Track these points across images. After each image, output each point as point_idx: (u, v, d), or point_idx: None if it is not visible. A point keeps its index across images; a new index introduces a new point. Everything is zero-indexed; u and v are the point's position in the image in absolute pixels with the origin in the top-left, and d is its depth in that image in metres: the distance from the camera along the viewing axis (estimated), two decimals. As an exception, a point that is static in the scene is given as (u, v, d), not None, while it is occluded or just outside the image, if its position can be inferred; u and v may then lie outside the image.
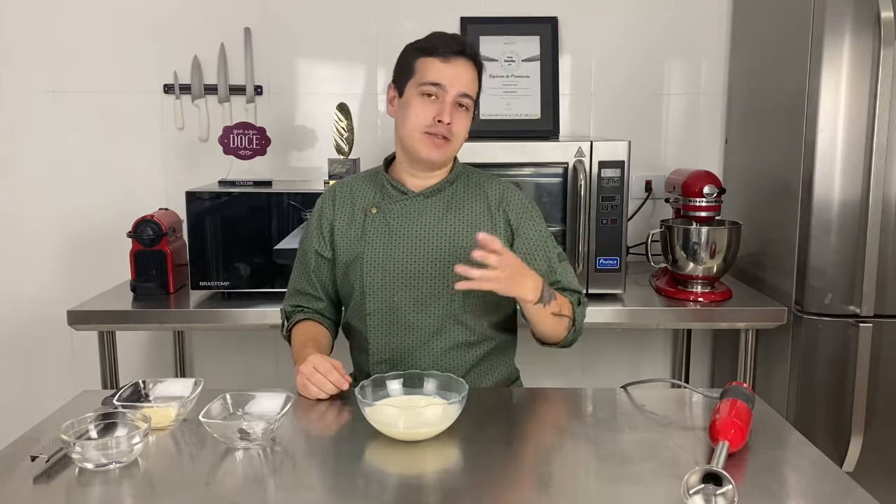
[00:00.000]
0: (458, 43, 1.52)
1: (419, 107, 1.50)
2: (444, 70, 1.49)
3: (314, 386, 1.40)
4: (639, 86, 2.58)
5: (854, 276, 2.00)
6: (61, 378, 2.65)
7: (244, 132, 2.26)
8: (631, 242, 2.46)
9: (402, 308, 1.55)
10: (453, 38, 1.53)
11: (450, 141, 1.51)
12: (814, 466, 1.19)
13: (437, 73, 1.49)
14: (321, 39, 2.54)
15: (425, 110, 1.50)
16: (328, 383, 1.40)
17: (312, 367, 1.41)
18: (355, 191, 1.63)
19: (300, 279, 1.67)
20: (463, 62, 1.51)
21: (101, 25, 2.51)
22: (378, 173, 1.63)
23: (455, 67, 1.50)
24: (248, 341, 2.67)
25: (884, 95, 1.91)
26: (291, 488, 1.11)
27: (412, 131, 1.51)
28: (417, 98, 1.51)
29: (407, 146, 1.54)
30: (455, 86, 1.49)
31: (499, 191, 1.60)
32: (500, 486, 1.10)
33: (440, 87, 1.49)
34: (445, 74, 1.49)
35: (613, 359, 2.70)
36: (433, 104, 1.50)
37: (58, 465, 1.15)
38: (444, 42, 1.51)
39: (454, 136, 1.52)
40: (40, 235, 2.60)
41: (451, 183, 1.59)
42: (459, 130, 1.53)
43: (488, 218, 1.57)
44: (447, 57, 1.50)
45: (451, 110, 1.50)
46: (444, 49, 1.50)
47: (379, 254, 1.55)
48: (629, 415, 1.38)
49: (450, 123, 1.49)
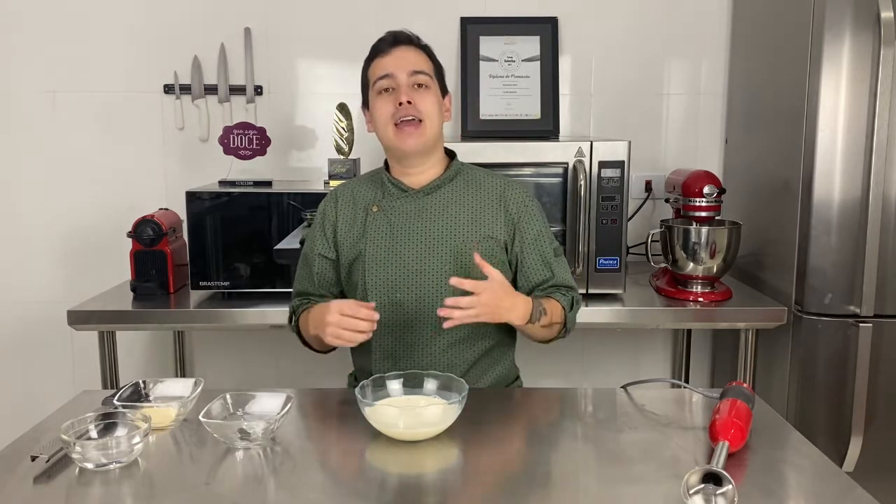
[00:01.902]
0: (391, 34, 1.59)
1: (381, 105, 1.55)
2: (386, 61, 1.56)
3: (348, 331, 1.39)
4: (639, 86, 2.58)
5: (854, 276, 2.00)
6: (61, 378, 2.65)
7: (244, 132, 2.26)
8: (631, 242, 2.46)
9: (403, 305, 1.56)
10: (389, 33, 1.60)
11: (422, 122, 1.53)
12: (814, 466, 1.19)
13: (382, 66, 1.55)
14: (321, 39, 2.54)
15: (385, 104, 1.54)
16: (362, 322, 1.39)
17: (339, 314, 1.39)
18: (357, 191, 1.64)
19: (304, 281, 1.68)
20: (402, 48, 1.57)
21: (101, 26, 2.51)
22: (379, 173, 1.65)
23: (395, 55, 1.56)
24: (248, 341, 2.67)
25: (884, 95, 1.91)
26: (291, 488, 1.11)
27: (384, 129, 1.55)
28: (377, 99, 1.56)
29: (387, 147, 1.58)
30: (401, 68, 1.54)
31: (499, 186, 1.61)
32: (499, 486, 1.10)
33: (389, 76, 1.54)
34: (389, 63, 1.55)
35: (613, 359, 2.70)
36: (391, 95, 1.54)
37: (58, 465, 1.16)
38: (381, 40, 1.59)
39: (424, 114, 1.53)
40: (40, 235, 2.60)
41: (450, 179, 1.60)
42: (427, 108, 1.54)
43: (489, 213, 1.58)
44: (385, 50, 1.57)
45: (409, 91, 1.53)
46: (382, 45, 1.58)
47: (381, 251, 1.56)
48: (629, 415, 1.38)
49: (411, 102, 1.52)
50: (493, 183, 1.62)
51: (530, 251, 1.60)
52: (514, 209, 1.59)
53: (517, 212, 1.59)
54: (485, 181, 1.62)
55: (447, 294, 1.54)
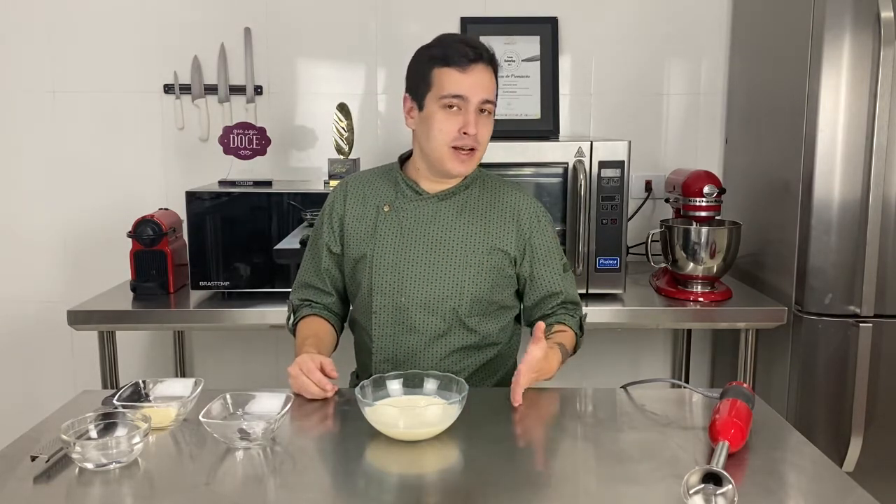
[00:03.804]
0: (473, 49, 1.48)
1: (443, 121, 1.47)
2: (464, 81, 1.46)
3: (298, 388, 1.41)
4: (639, 86, 2.58)
5: (854, 276, 2.00)
6: (61, 378, 2.65)
7: (244, 132, 2.26)
8: (631, 242, 2.46)
9: (408, 309, 1.55)
10: (468, 44, 1.49)
11: (476, 150, 1.51)
12: (814, 466, 1.19)
13: (458, 85, 1.46)
14: (321, 39, 2.54)
15: (449, 123, 1.47)
16: (312, 385, 1.39)
17: (298, 369, 1.41)
18: (368, 186, 1.61)
19: (309, 272, 1.66)
20: (481, 68, 1.48)
21: (101, 25, 2.51)
22: (392, 170, 1.62)
23: (474, 76, 1.47)
24: (248, 341, 2.67)
25: (884, 95, 1.91)
26: (291, 488, 1.11)
27: (439, 146, 1.49)
28: (440, 112, 1.48)
29: (433, 159, 1.52)
30: (477, 94, 1.47)
31: (513, 198, 1.60)
32: (500, 486, 1.10)
33: (462, 98, 1.46)
34: (466, 85, 1.46)
35: (613, 359, 2.70)
36: (457, 115, 1.47)
37: (58, 465, 1.15)
38: (460, 50, 1.47)
39: (480, 144, 1.51)
40: (40, 235, 2.60)
41: (466, 187, 1.59)
42: (484, 138, 1.52)
43: (500, 224, 1.57)
44: (465, 66, 1.46)
45: (476, 119, 1.48)
46: (461, 58, 1.46)
47: (389, 253, 1.55)
48: (629, 415, 1.38)
49: (475, 133, 1.48)
50: (508, 195, 1.60)
51: (540, 266, 1.60)
52: (526, 224, 1.58)
53: (529, 227, 1.58)
54: (500, 192, 1.60)
55: (452, 301, 1.55)
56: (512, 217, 1.58)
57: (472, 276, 1.54)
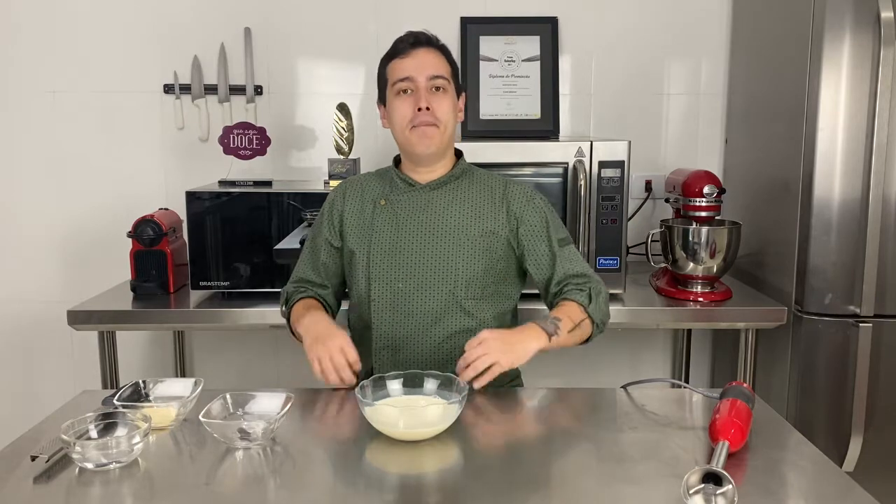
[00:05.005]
0: (413, 36, 1.61)
1: (399, 106, 1.59)
2: (407, 63, 1.58)
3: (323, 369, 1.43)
4: (639, 86, 2.58)
5: (854, 276, 2.00)
6: (61, 378, 2.65)
7: (244, 132, 2.26)
8: (631, 242, 2.46)
9: (405, 294, 1.60)
10: (409, 34, 1.62)
11: (437, 126, 1.57)
12: (814, 466, 1.19)
13: (402, 69, 1.58)
14: (321, 39, 2.54)
15: (404, 105, 1.58)
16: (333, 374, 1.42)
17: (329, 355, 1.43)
18: (365, 185, 1.70)
19: (306, 268, 1.72)
20: (423, 50, 1.60)
21: (101, 25, 2.51)
22: (388, 170, 1.71)
23: (416, 57, 1.58)
24: (248, 341, 2.67)
25: (884, 95, 1.91)
26: (291, 488, 1.11)
27: (402, 130, 1.59)
28: (395, 99, 1.59)
29: (402, 147, 1.64)
30: (421, 71, 1.57)
31: (502, 185, 1.67)
32: (500, 485, 1.10)
33: (408, 79, 1.57)
34: (410, 66, 1.58)
35: (613, 359, 2.70)
36: (410, 97, 1.58)
37: (58, 465, 1.16)
38: (401, 40, 1.62)
39: (440, 120, 1.58)
40: (40, 235, 2.60)
41: (456, 178, 1.66)
42: (443, 113, 1.58)
43: (491, 209, 1.63)
44: (406, 51, 1.59)
45: (427, 95, 1.57)
46: (402, 46, 1.60)
47: (386, 242, 1.61)
48: (629, 415, 1.38)
49: (429, 108, 1.56)
50: (495, 182, 1.68)
51: (538, 242, 1.63)
52: (515, 205, 1.64)
53: (519, 207, 1.64)
54: (488, 180, 1.68)
55: (447, 283, 1.59)
56: (501, 200, 1.64)
57: (465, 258, 1.59)
